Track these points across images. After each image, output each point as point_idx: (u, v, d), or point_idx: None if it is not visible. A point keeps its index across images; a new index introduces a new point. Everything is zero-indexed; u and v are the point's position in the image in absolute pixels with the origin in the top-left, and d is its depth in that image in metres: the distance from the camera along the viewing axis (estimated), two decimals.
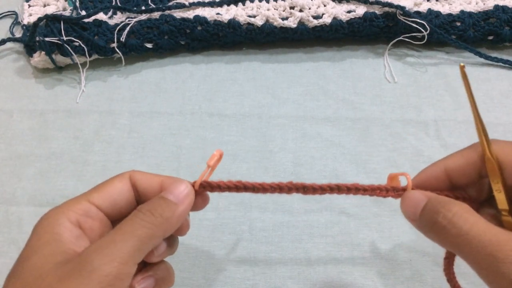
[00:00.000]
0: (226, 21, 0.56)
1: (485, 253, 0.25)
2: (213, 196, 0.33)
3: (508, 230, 0.26)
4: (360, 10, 0.56)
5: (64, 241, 0.27)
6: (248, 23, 0.56)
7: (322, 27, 0.56)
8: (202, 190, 0.32)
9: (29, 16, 0.60)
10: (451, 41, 0.56)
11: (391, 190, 0.32)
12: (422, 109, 0.53)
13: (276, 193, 0.32)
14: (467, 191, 0.32)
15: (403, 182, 0.33)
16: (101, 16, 0.57)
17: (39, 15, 0.57)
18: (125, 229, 0.28)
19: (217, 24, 0.56)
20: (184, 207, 0.30)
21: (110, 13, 0.58)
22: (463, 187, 0.32)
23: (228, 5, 0.58)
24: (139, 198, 0.32)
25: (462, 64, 0.30)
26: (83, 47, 0.54)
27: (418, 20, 0.54)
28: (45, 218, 0.29)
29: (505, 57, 0.57)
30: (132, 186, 0.31)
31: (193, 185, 0.32)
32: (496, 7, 0.56)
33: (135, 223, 0.28)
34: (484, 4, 0.58)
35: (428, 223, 0.28)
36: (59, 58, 0.55)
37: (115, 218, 0.31)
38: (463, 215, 0.27)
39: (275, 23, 0.56)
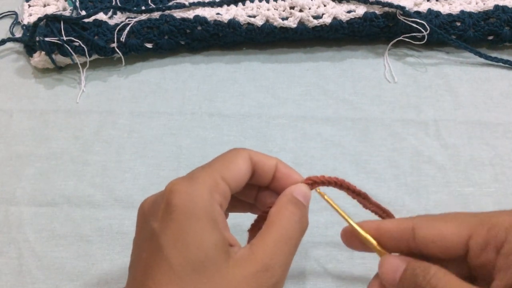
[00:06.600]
0: (226, 21, 0.56)
1: None
2: None
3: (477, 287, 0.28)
4: (360, 10, 0.56)
5: (222, 231, 0.28)
6: (248, 23, 0.56)
7: (322, 27, 0.56)
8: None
9: (29, 16, 0.60)
10: (451, 41, 0.56)
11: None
12: (422, 109, 0.53)
13: None
14: None
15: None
16: (101, 16, 0.57)
17: (39, 15, 0.56)
18: (290, 237, 0.30)
19: (217, 24, 0.56)
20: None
21: (110, 13, 0.58)
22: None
23: (228, 5, 0.58)
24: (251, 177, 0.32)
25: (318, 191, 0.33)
26: (83, 47, 0.54)
27: (418, 20, 0.54)
28: (196, 197, 0.27)
29: (505, 57, 0.57)
30: (251, 166, 0.31)
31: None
32: (496, 7, 0.56)
33: (294, 230, 0.31)
34: (484, 4, 0.58)
35: (408, 286, 0.29)
36: (59, 58, 0.55)
37: None
38: (437, 275, 0.28)
39: (275, 23, 0.56)
